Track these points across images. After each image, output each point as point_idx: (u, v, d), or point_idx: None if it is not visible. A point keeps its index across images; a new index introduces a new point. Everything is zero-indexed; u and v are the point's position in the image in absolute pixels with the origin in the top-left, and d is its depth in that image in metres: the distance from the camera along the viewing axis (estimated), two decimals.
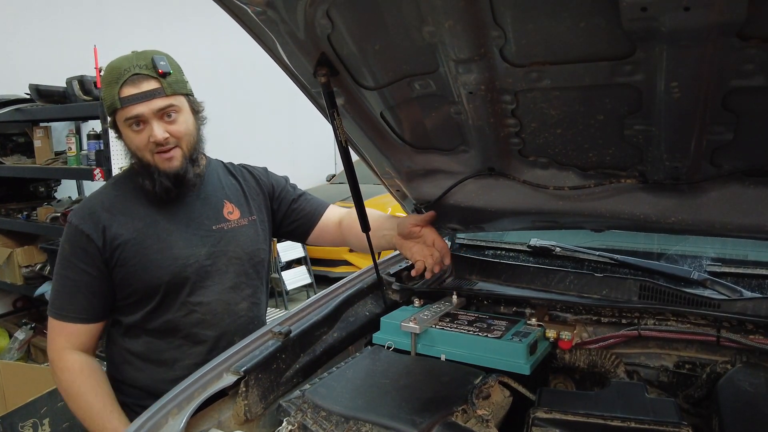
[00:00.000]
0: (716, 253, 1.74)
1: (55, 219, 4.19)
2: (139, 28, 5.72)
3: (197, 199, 1.64)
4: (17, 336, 4.45)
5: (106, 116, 3.49)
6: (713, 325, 1.38)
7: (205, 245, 1.59)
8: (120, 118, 1.49)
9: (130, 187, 1.59)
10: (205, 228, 1.61)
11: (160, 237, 1.54)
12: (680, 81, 0.99)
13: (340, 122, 1.37)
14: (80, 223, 1.51)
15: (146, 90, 1.45)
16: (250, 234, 1.69)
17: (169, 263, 1.53)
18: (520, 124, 1.27)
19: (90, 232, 1.49)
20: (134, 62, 1.48)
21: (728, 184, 1.25)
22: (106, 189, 1.63)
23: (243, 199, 1.73)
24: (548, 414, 1.10)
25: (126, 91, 1.45)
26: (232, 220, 1.66)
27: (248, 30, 1.25)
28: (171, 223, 1.57)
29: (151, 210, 1.56)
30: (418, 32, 1.10)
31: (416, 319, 1.45)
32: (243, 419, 1.25)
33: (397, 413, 1.12)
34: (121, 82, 1.45)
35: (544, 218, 1.57)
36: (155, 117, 1.47)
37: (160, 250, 1.53)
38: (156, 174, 1.51)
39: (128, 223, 1.53)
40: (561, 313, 1.58)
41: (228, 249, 1.62)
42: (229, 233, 1.64)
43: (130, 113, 1.45)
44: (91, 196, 1.63)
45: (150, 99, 1.45)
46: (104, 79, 1.50)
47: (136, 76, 1.46)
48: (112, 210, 1.54)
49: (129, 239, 1.51)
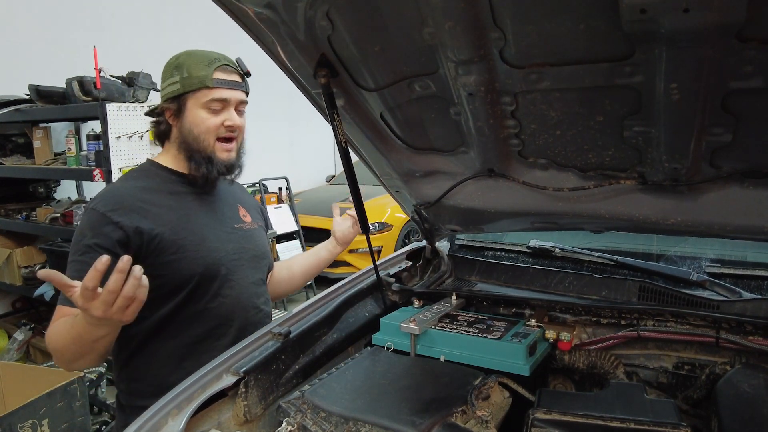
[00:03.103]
0: (715, 255, 1.74)
1: (54, 219, 4.18)
2: (139, 28, 5.73)
3: (219, 199, 1.72)
4: (16, 337, 4.44)
5: (105, 116, 3.56)
6: (712, 326, 1.39)
7: (231, 241, 1.66)
8: (201, 98, 1.56)
9: (158, 180, 1.63)
10: (229, 226, 1.69)
11: (194, 230, 1.59)
12: (680, 82, 0.99)
13: (339, 123, 1.38)
14: (107, 211, 1.49)
15: (235, 80, 1.60)
16: (260, 236, 1.80)
17: (204, 254, 1.57)
18: (520, 125, 1.27)
19: (119, 220, 1.47)
20: (223, 56, 1.61)
21: (727, 185, 1.25)
22: (129, 182, 1.63)
23: (250, 207, 1.84)
24: (547, 415, 1.10)
25: (219, 75, 1.56)
26: (247, 222, 1.76)
27: (248, 31, 1.25)
28: (202, 217, 1.63)
29: (180, 204, 1.61)
30: (418, 33, 1.10)
31: (416, 320, 1.46)
32: (243, 420, 1.25)
33: (396, 414, 1.12)
34: (214, 67, 1.56)
35: (543, 219, 1.58)
36: (235, 105, 1.61)
37: (195, 242, 1.57)
38: (215, 160, 1.60)
39: (162, 215, 1.55)
40: (560, 314, 1.58)
41: (249, 247, 1.71)
42: (247, 233, 1.73)
43: (218, 95, 1.56)
44: (115, 187, 1.62)
45: (237, 89, 1.60)
46: (187, 61, 1.57)
47: (228, 66, 1.59)
48: (144, 201, 1.55)
49: (165, 231, 1.52)
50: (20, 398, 2.63)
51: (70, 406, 2.75)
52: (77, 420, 2.78)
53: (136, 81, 3.87)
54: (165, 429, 1.12)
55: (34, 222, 4.35)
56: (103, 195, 1.56)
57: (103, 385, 3.65)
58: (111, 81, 3.79)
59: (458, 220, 1.75)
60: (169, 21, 6.14)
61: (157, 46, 5.46)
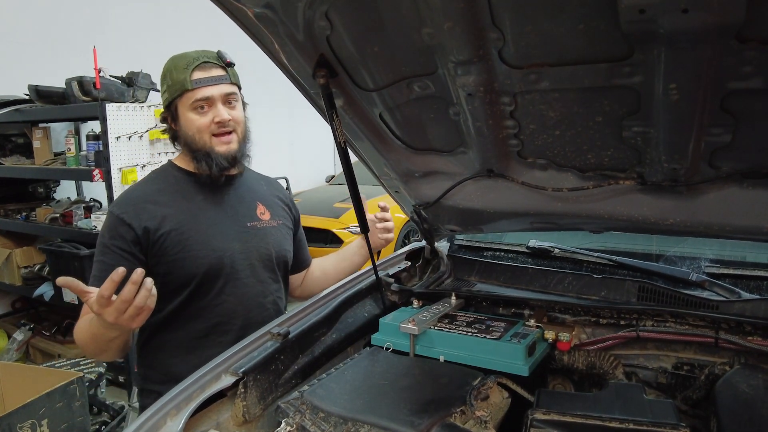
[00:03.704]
0: (714, 255, 1.74)
1: (54, 220, 4.18)
2: (138, 28, 5.72)
3: (234, 196, 1.74)
4: (16, 337, 4.44)
5: (105, 116, 3.56)
6: (711, 326, 1.38)
7: (239, 240, 1.68)
8: (186, 101, 1.60)
9: (171, 181, 1.69)
10: (240, 224, 1.71)
11: (200, 229, 1.63)
12: (679, 83, 0.99)
13: (338, 123, 1.38)
14: (120, 213, 1.59)
15: (215, 75, 1.61)
16: (278, 235, 1.80)
17: (207, 254, 1.61)
18: (519, 125, 1.27)
19: (130, 221, 1.57)
20: (202, 53, 1.62)
21: (726, 185, 1.25)
22: (145, 183, 1.72)
23: (273, 204, 1.85)
24: (546, 415, 1.10)
25: (197, 75, 1.59)
26: (263, 220, 1.77)
27: (247, 31, 1.25)
28: (210, 217, 1.67)
29: (191, 204, 1.66)
30: (417, 34, 1.10)
31: (415, 320, 1.45)
32: (241, 420, 1.25)
33: (395, 414, 1.12)
34: (191, 68, 1.58)
35: (542, 219, 1.58)
36: (220, 101, 1.61)
37: (200, 242, 1.61)
38: (213, 155, 1.62)
39: (171, 214, 1.62)
40: (560, 314, 1.58)
41: (259, 246, 1.72)
42: (261, 231, 1.75)
43: (200, 94, 1.59)
44: (131, 190, 1.71)
45: (218, 83, 1.60)
46: (170, 68, 1.62)
47: (206, 63, 1.60)
48: (155, 202, 1.63)
49: (172, 230, 1.59)
50: (19, 398, 2.63)
51: (70, 406, 2.75)
52: (76, 420, 2.78)
53: (136, 81, 3.87)
54: (164, 429, 1.12)
55: (33, 222, 4.35)
56: (120, 198, 1.67)
57: (103, 386, 3.64)
58: (110, 81, 3.79)
59: (457, 220, 1.75)
60: (168, 21, 6.14)
61: (157, 46, 5.45)
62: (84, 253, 3.78)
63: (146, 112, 3.83)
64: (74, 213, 4.09)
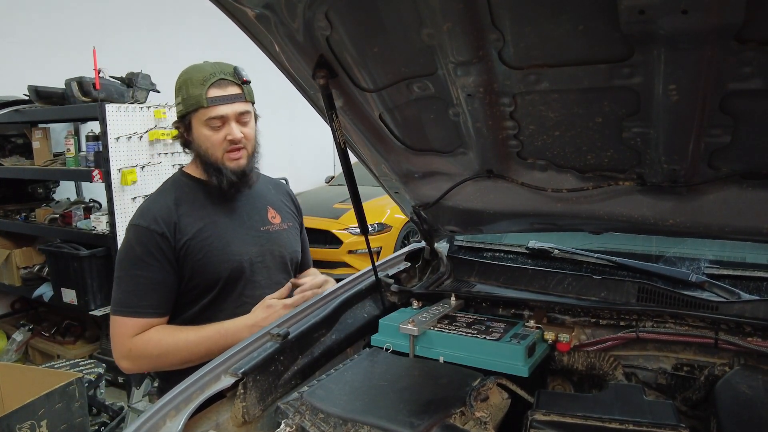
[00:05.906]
0: (714, 256, 1.74)
1: (53, 220, 4.18)
2: (138, 29, 5.72)
3: (247, 202, 1.79)
4: (15, 337, 4.43)
5: (104, 117, 3.56)
6: (711, 327, 1.38)
7: (255, 244, 1.74)
8: (201, 117, 1.63)
9: (185, 191, 1.73)
10: (255, 228, 1.77)
11: (220, 235, 1.68)
12: (678, 84, 0.99)
13: (338, 124, 1.38)
14: (150, 224, 1.62)
15: (231, 94, 1.63)
16: (288, 237, 1.86)
17: (228, 258, 1.66)
18: (519, 126, 1.27)
19: (163, 231, 1.61)
20: (219, 68, 1.65)
21: (726, 186, 1.25)
22: (161, 195, 1.74)
23: (282, 208, 1.90)
24: (546, 416, 1.10)
25: (213, 93, 1.61)
26: (275, 224, 1.83)
27: (247, 32, 1.25)
28: (227, 222, 1.72)
29: (209, 210, 1.71)
30: (417, 35, 1.10)
31: (414, 321, 1.45)
32: (241, 421, 1.24)
33: (395, 415, 1.12)
34: (208, 85, 1.61)
35: (542, 220, 1.57)
36: (234, 119, 1.65)
37: (220, 247, 1.66)
38: (224, 170, 1.67)
39: (193, 221, 1.66)
40: (559, 315, 1.58)
41: (273, 248, 1.78)
42: (273, 235, 1.80)
43: (215, 113, 1.61)
44: (150, 202, 1.73)
45: (233, 102, 1.64)
46: (186, 81, 1.64)
47: (222, 80, 1.63)
48: (175, 211, 1.66)
49: (194, 236, 1.64)
50: (19, 399, 2.62)
51: (69, 407, 2.75)
52: (76, 421, 2.77)
53: (136, 82, 3.87)
54: (163, 430, 1.12)
55: (33, 223, 4.35)
56: (142, 211, 1.69)
57: (102, 386, 3.64)
58: (110, 82, 3.79)
59: (457, 221, 1.75)
60: (168, 22, 6.13)
61: (157, 46, 5.47)
62: (83, 253, 3.78)
63: (146, 113, 3.83)
64: (74, 213, 4.09)
